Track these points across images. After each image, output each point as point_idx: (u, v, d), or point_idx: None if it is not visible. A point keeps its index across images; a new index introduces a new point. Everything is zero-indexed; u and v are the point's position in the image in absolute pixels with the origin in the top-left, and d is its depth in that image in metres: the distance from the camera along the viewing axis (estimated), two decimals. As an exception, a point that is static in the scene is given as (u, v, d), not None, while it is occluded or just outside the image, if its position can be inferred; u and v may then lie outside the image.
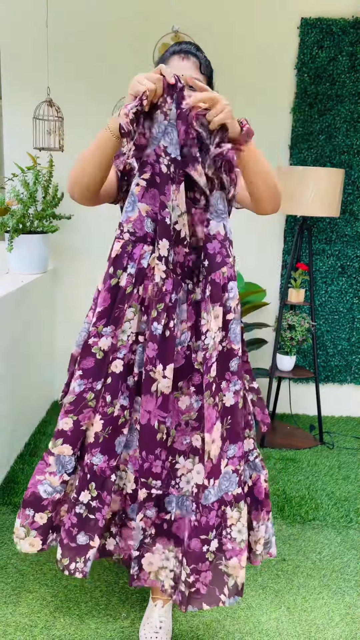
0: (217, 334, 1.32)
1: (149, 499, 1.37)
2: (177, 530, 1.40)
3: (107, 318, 1.34)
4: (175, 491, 1.39)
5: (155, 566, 1.41)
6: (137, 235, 1.33)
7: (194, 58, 1.39)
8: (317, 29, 2.75)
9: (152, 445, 1.34)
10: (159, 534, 1.40)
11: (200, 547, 1.36)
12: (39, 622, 1.60)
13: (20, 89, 2.82)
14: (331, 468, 2.60)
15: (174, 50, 1.41)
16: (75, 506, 1.39)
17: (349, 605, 1.74)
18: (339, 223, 2.97)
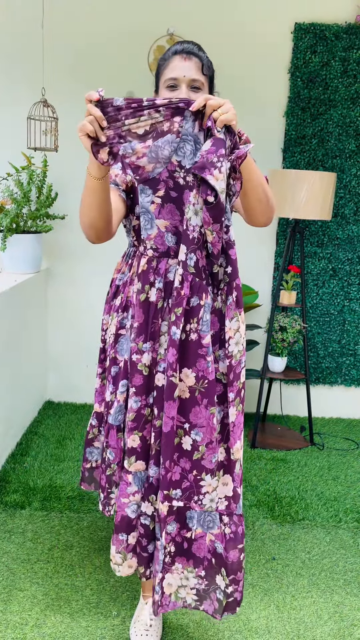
0: (241, 340, 1.34)
1: (170, 513, 1.35)
2: (197, 551, 1.38)
3: (145, 334, 1.34)
4: (198, 507, 1.36)
5: (174, 587, 1.40)
6: (160, 250, 1.34)
7: (196, 58, 1.37)
8: (311, 34, 2.77)
9: (169, 451, 1.33)
10: (179, 553, 1.39)
11: (238, 557, 1.37)
12: (29, 621, 1.61)
13: (15, 89, 2.83)
14: (321, 469, 2.63)
15: (175, 50, 1.38)
16: (140, 518, 1.40)
17: (338, 603, 1.76)
18: (330, 226, 2.99)
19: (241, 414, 1.36)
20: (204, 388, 1.31)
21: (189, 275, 1.28)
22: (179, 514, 1.37)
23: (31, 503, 2.17)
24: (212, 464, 1.34)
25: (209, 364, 1.30)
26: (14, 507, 2.14)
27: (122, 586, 1.77)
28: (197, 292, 1.30)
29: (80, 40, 2.79)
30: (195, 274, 1.29)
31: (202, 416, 1.32)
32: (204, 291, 1.30)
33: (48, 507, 2.15)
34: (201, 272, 1.29)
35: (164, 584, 1.38)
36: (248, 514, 2.20)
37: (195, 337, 1.30)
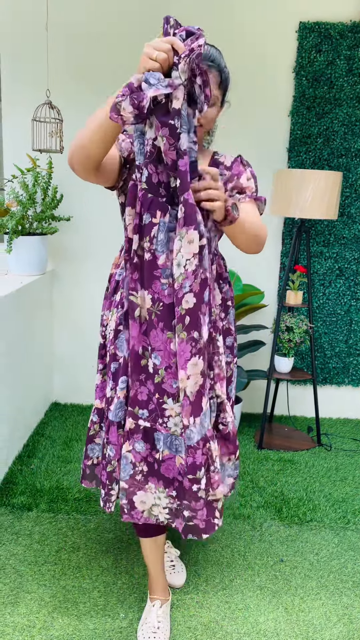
0: (190, 262, 1.21)
1: (136, 431, 1.37)
2: (167, 471, 1.39)
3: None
4: (163, 429, 1.36)
5: (148, 504, 1.42)
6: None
7: (217, 72, 1.33)
8: (316, 32, 2.76)
9: (137, 370, 1.34)
10: (151, 473, 1.40)
11: (190, 487, 1.36)
12: (37, 623, 1.60)
13: (20, 91, 2.83)
14: (329, 470, 2.61)
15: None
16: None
17: (347, 605, 1.74)
18: (337, 225, 2.98)
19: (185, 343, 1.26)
20: (159, 311, 1.27)
21: (140, 191, 1.21)
22: (147, 434, 1.38)
23: (38, 505, 2.16)
24: (173, 388, 1.33)
25: (164, 286, 1.25)
26: (21, 509, 2.14)
27: (129, 588, 1.77)
28: (149, 209, 1.22)
29: (85, 42, 2.79)
30: (148, 189, 1.21)
31: (159, 340, 1.30)
32: (157, 208, 1.22)
33: (55, 509, 2.15)
34: (156, 188, 1.21)
35: (135, 499, 1.40)
36: (255, 515, 2.19)
37: (149, 257, 1.24)
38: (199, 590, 1.79)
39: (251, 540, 2.04)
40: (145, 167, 1.19)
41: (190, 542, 2.01)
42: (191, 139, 1.16)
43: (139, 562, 1.89)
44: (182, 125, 1.13)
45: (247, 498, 2.30)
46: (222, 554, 1.96)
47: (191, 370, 1.28)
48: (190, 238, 1.19)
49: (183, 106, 1.12)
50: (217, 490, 1.40)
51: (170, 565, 1.84)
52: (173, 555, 1.89)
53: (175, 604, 1.72)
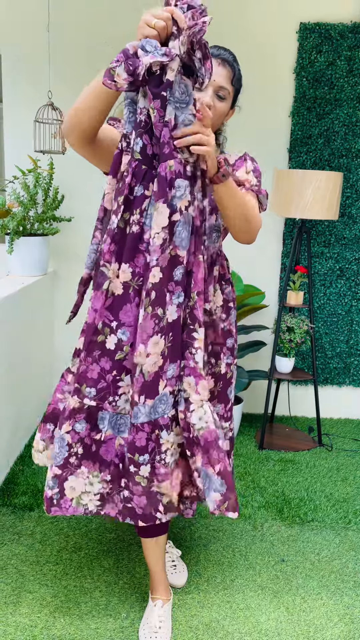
0: (158, 235, 1.19)
1: (80, 410, 1.32)
2: (105, 453, 1.35)
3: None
4: (111, 408, 1.33)
5: (77, 491, 1.37)
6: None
7: (230, 68, 1.36)
8: (316, 33, 2.77)
9: (92, 347, 1.29)
10: (86, 456, 1.35)
11: (129, 466, 1.33)
12: (39, 623, 1.61)
13: (22, 92, 2.84)
14: (330, 470, 2.61)
15: (212, 52, 1.35)
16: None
17: (348, 605, 1.74)
18: (337, 226, 2.98)
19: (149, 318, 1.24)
20: (137, 285, 1.25)
21: (133, 162, 1.18)
22: (90, 414, 1.33)
23: (40, 505, 2.17)
24: (133, 365, 1.30)
25: (146, 259, 1.23)
26: (23, 509, 2.14)
27: (131, 588, 1.77)
28: (142, 181, 1.20)
29: (86, 43, 2.80)
30: (142, 160, 1.18)
31: (131, 315, 1.27)
32: (151, 181, 1.20)
33: (56, 509, 2.15)
34: (150, 160, 1.18)
35: (66, 485, 1.35)
36: (257, 515, 2.19)
37: (136, 230, 1.22)
38: (200, 590, 1.79)
39: (252, 540, 2.04)
40: (141, 137, 1.17)
41: (191, 543, 2.01)
42: (191, 111, 1.14)
43: (141, 561, 1.89)
44: (170, 97, 1.11)
45: (248, 498, 2.31)
46: (223, 554, 1.96)
47: (152, 349, 1.25)
48: (160, 211, 1.17)
49: (176, 78, 1.11)
50: (162, 484, 1.33)
51: (172, 565, 1.85)
52: (174, 555, 1.89)
53: (177, 604, 1.72)
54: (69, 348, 3.15)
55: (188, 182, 1.20)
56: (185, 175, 1.20)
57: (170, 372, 1.30)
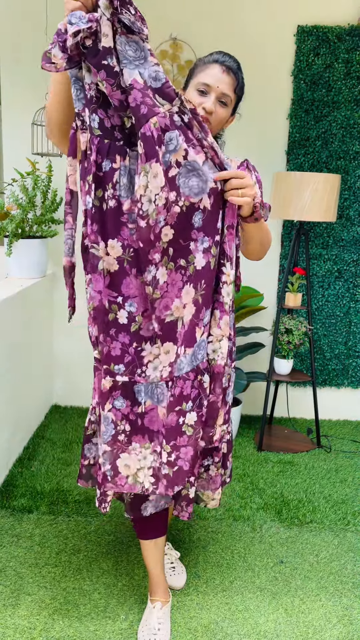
0: (159, 196, 1.17)
1: (115, 387, 1.34)
2: (150, 424, 1.36)
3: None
4: (143, 380, 1.34)
5: (132, 469, 1.38)
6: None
7: (234, 76, 1.38)
8: (314, 36, 2.78)
9: (105, 327, 1.30)
10: (134, 431, 1.36)
11: (176, 420, 1.33)
12: (37, 625, 1.61)
13: (20, 94, 2.84)
14: (328, 471, 2.62)
15: (217, 59, 1.38)
16: None
17: (346, 607, 1.75)
18: (335, 228, 2.99)
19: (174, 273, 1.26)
20: (130, 257, 1.25)
21: (94, 139, 1.18)
22: (126, 389, 1.34)
23: (38, 507, 2.17)
24: (150, 331, 1.30)
25: (132, 231, 1.23)
26: (22, 511, 2.14)
27: (130, 590, 1.77)
28: (107, 155, 1.19)
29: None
30: (102, 135, 1.17)
31: (133, 286, 1.27)
32: (116, 152, 1.19)
33: (55, 511, 2.15)
34: (111, 132, 1.17)
35: (119, 463, 1.36)
36: (255, 517, 2.19)
37: (113, 204, 1.21)
38: (199, 591, 1.79)
39: (251, 542, 2.04)
40: (95, 112, 1.16)
41: (190, 545, 2.02)
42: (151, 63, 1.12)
43: (139, 563, 1.90)
44: (123, 61, 1.09)
45: (247, 500, 2.31)
46: (222, 555, 1.97)
47: (186, 299, 1.27)
48: (154, 172, 1.14)
49: (118, 41, 1.08)
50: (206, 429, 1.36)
51: (171, 567, 1.85)
52: (173, 557, 1.89)
53: (176, 606, 1.72)
54: (68, 350, 3.16)
55: (178, 131, 1.17)
56: (174, 126, 1.17)
57: (206, 319, 1.32)
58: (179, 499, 1.55)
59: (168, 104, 1.17)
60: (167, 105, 1.17)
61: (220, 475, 1.63)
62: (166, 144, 1.16)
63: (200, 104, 1.36)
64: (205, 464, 1.61)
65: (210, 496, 1.65)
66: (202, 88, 1.36)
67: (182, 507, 1.56)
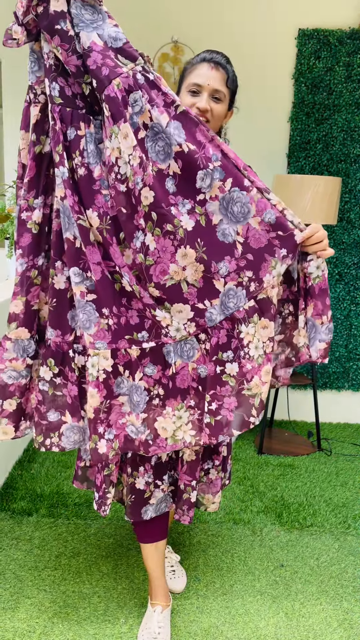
0: (132, 156, 1.16)
1: (144, 355, 1.31)
2: (182, 383, 1.33)
3: (37, 188, 1.26)
4: (171, 340, 1.31)
5: (169, 431, 1.35)
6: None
7: (223, 70, 1.38)
8: (315, 39, 2.78)
9: (115, 298, 1.29)
10: (167, 395, 1.33)
11: (214, 370, 1.31)
12: (37, 628, 1.60)
13: (21, 97, 2.84)
14: (329, 474, 2.61)
15: (204, 57, 1.39)
16: (39, 383, 1.36)
17: (347, 611, 1.74)
18: (336, 231, 2.99)
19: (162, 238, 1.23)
20: (109, 226, 1.23)
21: (56, 107, 1.17)
22: (155, 354, 1.32)
23: (38, 510, 2.16)
24: (150, 299, 1.28)
25: (107, 197, 1.21)
26: (21, 514, 2.14)
27: (129, 593, 1.77)
28: (71, 123, 1.18)
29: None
30: (64, 103, 1.16)
31: (118, 255, 1.25)
32: (80, 120, 1.18)
33: (55, 514, 2.15)
34: (72, 100, 1.16)
35: (157, 426, 1.34)
36: (256, 520, 2.19)
37: (83, 172, 1.20)
38: (199, 595, 1.78)
39: (251, 546, 2.04)
40: (55, 80, 1.16)
41: (190, 548, 2.01)
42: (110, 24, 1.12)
43: (139, 567, 1.89)
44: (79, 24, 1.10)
45: (247, 503, 2.30)
46: (222, 559, 1.96)
47: (183, 261, 1.24)
48: (124, 132, 1.14)
49: (74, 5, 1.09)
50: (251, 382, 1.32)
51: (171, 570, 1.84)
52: (173, 560, 1.89)
53: (176, 609, 1.71)
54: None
55: (142, 91, 1.16)
56: (137, 86, 1.15)
57: (222, 270, 1.27)
58: (180, 502, 1.54)
59: (131, 63, 1.15)
60: (130, 64, 1.15)
61: (221, 479, 1.63)
62: (132, 105, 1.14)
63: (194, 104, 1.36)
64: (205, 467, 1.61)
65: (211, 500, 1.64)
66: (193, 89, 1.36)
67: (183, 511, 1.55)
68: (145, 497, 1.50)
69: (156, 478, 1.50)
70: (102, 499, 1.47)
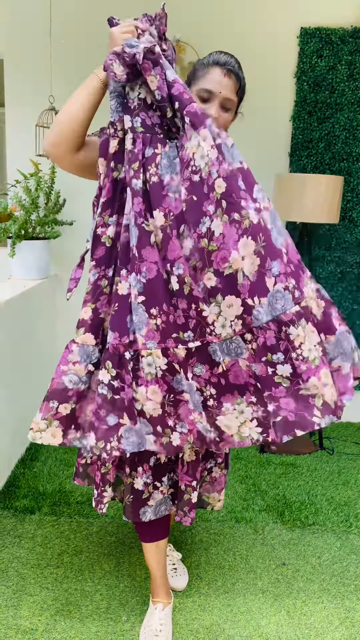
0: (210, 152, 1.26)
1: (190, 355, 1.32)
2: (236, 379, 1.32)
3: (112, 208, 1.35)
4: (215, 339, 1.31)
5: (234, 428, 1.33)
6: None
7: (236, 78, 1.37)
8: (317, 38, 2.78)
9: (167, 297, 1.31)
10: (221, 392, 1.33)
11: (265, 371, 1.31)
12: (39, 626, 1.61)
13: (23, 96, 2.85)
14: (331, 473, 2.61)
15: (217, 60, 1.38)
16: (98, 387, 1.38)
17: (349, 609, 1.74)
18: (338, 230, 2.99)
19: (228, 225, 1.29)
20: (171, 221, 1.30)
21: (139, 135, 1.30)
22: (201, 353, 1.32)
23: (41, 508, 2.17)
24: (200, 292, 1.30)
25: (172, 199, 1.30)
26: (24, 512, 2.14)
27: (131, 591, 1.77)
28: (150, 144, 1.30)
29: (88, 48, 2.81)
30: (145, 131, 1.30)
31: (175, 247, 1.30)
32: (158, 142, 1.31)
33: (57, 512, 2.15)
34: (152, 129, 1.31)
35: (219, 424, 1.33)
36: (257, 519, 2.19)
37: (156, 179, 1.29)
38: (200, 593, 1.79)
39: (253, 544, 2.04)
40: (138, 115, 1.31)
41: (192, 546, 2.01)
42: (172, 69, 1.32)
43: (141, 565, 1.90)
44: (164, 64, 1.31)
45: (249, 502, 2.31)
46: (224, 557, 1.96)
47: (244, 251, 1.27)
48: (204, 136, 1.26)
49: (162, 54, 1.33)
50: (308, 382, 1.31)
51: (172, 568, 1.85)
52: (175, 558, 1.89)
53: (177, 607, 1.72)
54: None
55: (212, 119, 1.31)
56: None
57: (275, 270, 1.29)
58: (181, 503, 1.54)
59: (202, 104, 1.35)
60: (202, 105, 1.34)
61: (224, 475, 1.63)
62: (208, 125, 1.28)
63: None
64: (208, 466, 1.61)
65: (217, 498, 1.64)
66: (204, 95, 1.36)
67: (184, 513, 1.55)
68: (143, 497, 1.50)
69: (155, 479, 1.50)
70: (100, 497, 1.48)
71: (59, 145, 1.33)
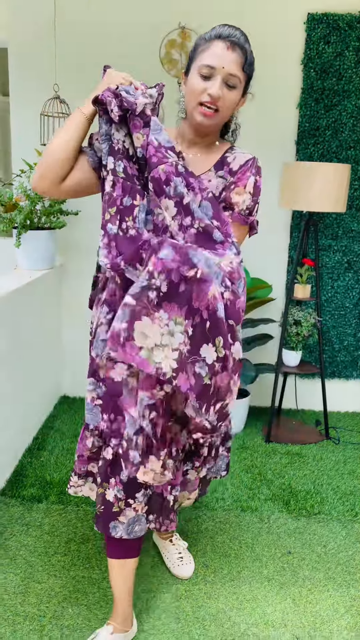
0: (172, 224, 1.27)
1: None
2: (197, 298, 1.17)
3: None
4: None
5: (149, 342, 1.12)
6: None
7: (241, 51, 1.22)
8: (324, 24, 2.74)
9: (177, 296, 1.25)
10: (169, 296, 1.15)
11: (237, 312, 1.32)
12: (47, 612, 1.63)
13: (28, 86, 2.84)
14: (337, 463, 2.62)
15: (220, 33, 1.22)
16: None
17: (354, 597, 1.75)
18: (345, 218, 2.96)
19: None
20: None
21: (119, 179, 1.27)
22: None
23: (48, 497, 2.19)
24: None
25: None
26: (31, 500, 2.16)
27: (137, 578, 1.79)
28: (128, 193, 1.27)
29: (92, 37, 2.79)
30: (126, 178, 1.28)
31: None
32: (137, 192, 1.28)
33: (64, 501, 2.17)
34: (132, 178, 1.30)
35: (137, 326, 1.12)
36: (263, 507, 2.20)
37: (134, 233, 1.26)
38: (207, 581, 1.80)
39: (259, 533, 2.05)
40: (121, 160, 1.30)
41: (198, 535, 2.03)
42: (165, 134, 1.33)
43: (147, 552, 1.91)
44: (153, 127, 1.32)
45: (255, 491, 2.32)
46: (230, 545, 1.98)
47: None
48: (165, 205, 1.28)
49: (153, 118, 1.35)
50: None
51: (179, 557, 1.86)
52: (181, 547, 1.90)
53: (184, 595, 1.74)
54: (76, 341, 3.16)
55: (180, 178, 1.29)
56: (177, 173, 1.30)
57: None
58: (163, 512, 1.44)
59: (176, 157, 1.31)
60: (174, 158, 1.31)
61: (199, 479, 1.55)
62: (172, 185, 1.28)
63: (205, 90, 1.24)
64: (184, 469, 1.52)
65: (186, 496, 1.57)
66: (205, 72, 1.23)
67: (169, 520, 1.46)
68: (114, 511, 1.38)
69: (128, 496, 1.37)
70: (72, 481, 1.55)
71: (44, 178, 1.31)
